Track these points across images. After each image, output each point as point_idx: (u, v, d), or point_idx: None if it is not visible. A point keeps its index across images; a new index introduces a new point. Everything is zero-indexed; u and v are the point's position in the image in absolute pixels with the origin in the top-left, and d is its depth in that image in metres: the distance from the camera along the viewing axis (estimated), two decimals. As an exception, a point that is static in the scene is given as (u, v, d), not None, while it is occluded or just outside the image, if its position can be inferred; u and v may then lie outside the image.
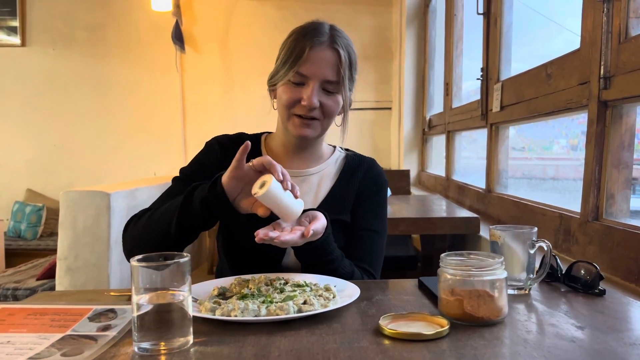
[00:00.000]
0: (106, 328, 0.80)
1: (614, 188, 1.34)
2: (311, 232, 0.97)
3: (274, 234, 0.95)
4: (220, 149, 1.25)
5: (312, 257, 1.08)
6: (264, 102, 1.28)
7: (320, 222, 1.03)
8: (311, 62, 1.15)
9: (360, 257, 1.21)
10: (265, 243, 0.95)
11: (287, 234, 0.97)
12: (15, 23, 4.90)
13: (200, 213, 1.02)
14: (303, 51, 1.15)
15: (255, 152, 1.26)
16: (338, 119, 1.26)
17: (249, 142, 0.99)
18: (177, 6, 4.65)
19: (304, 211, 1.07)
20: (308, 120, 1.17)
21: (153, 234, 1.09)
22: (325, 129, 1.23)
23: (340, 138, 1.29)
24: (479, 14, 2.42)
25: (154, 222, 1.10)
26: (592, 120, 1.38)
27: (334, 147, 1.37)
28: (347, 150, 1.38)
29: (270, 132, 1.34)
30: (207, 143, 1.29)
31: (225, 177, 1.00)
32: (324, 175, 1.29)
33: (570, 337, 0.74)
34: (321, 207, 1.20)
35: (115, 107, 4.96)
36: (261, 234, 0.94)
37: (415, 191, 3.55)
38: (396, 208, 2.32)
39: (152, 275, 0.72)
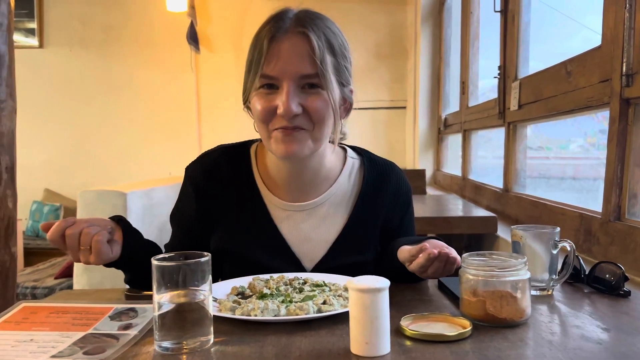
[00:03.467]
0: (127, 327, 0.80)
1: (636, 187, 1.31)
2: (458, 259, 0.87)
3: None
4: (195, 192, 1.07)
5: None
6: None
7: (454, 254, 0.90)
8: (275, 57, 0.91)
9: None
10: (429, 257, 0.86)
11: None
12: (33, 25, 4.96)
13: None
14: (262, 47, 0.92)
15: (246, 169, 1.07)
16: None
17: None
18: (192, 7, 4.68)
19: (419, 241, 0.92)
20: (292, 131, 0.93)
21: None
22: (319, 140, 0.97)
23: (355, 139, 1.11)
24: (496, 11, 2.40)
25: None
26: (614, 119, 1.35)
27: (344, 150, 1.13)
28: (358, 151, 1.13)
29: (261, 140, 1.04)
30: (183, 183, 1.09)
31: None
32: (336, 200, 1.06)
33: (596, 339, 0.73)
34: (337, 247, 1.04)
35: (131, 107, 5.00)
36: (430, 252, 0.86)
37: (430, 191, 3.53)
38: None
39: (173, 274, 0.72)
